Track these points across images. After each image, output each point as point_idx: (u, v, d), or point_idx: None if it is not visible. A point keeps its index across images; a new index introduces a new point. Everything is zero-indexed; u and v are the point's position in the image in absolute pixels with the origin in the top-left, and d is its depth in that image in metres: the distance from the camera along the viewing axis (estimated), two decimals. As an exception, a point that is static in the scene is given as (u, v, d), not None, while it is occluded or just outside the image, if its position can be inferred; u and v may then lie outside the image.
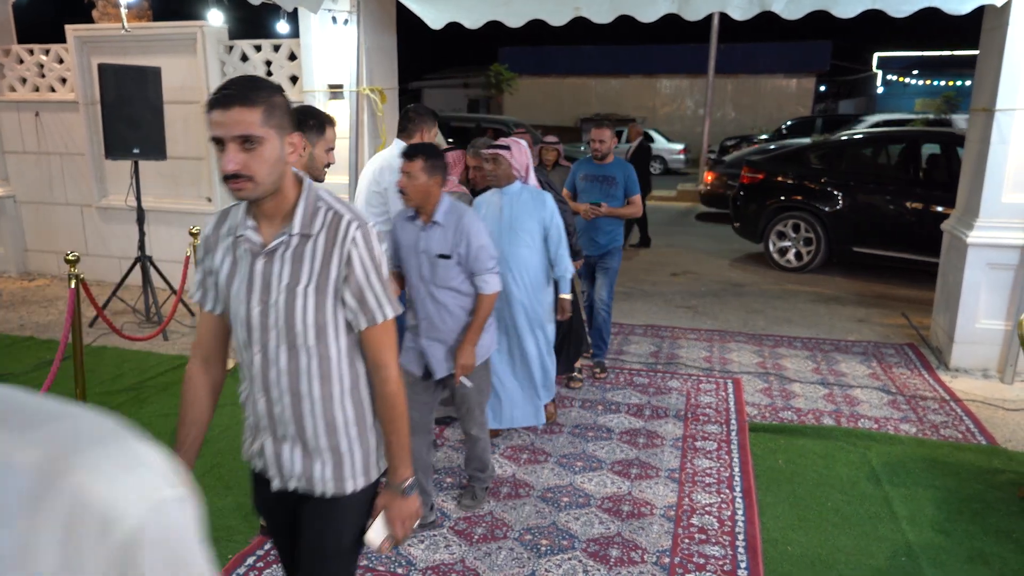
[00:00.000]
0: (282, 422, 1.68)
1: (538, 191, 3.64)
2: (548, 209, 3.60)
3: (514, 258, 3.57)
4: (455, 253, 2.84)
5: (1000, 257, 4.83)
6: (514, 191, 3.60)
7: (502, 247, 3.51)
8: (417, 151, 2.80)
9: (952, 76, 32.68)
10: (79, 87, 6.79)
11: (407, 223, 2.95)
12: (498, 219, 3.58)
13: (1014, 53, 4.59)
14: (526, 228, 3.56)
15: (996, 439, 4.03)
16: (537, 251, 3.63)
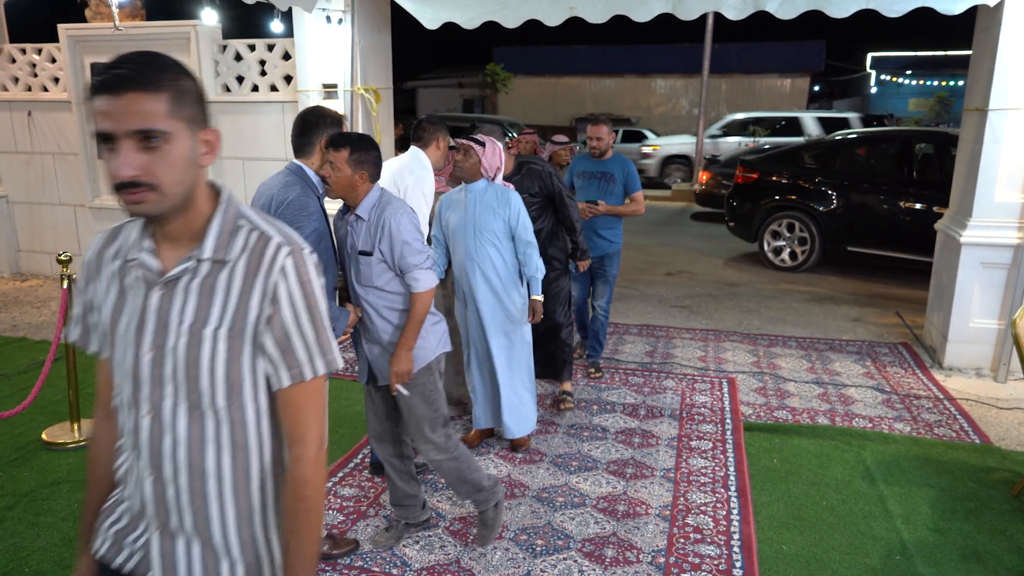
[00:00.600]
0: (176, 510, 1.28)
1: (504, 189, 3.52)
2: (513, 208, 3.48)
3: (481, 257, 3.49)
4: (376, 249, 2.62)
5: (993, 256, 4.84)
6: (478, 188, 3.49)
7: (468, 246, 3.48)
8: (346, 141, 2.60)
9: (945, 76, 32.82)
10: (72, 86, 6.76)
11: (339, 219, 2.77)
12: (463, 217, 3.51)
13: (1007, 53, 4.61)
14: (490, 227, 3.46)
15: (990, 438, 4.04)
16: (505, 250, 3.52)
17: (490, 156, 3.45)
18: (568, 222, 4.16)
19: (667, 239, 10.76)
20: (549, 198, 4.11)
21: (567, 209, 4.13)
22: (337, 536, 3.01)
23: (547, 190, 4.08)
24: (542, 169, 4.08)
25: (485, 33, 6.63)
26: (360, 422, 4.12)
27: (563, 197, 4.10)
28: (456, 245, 3.55)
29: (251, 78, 6.36)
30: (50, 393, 4.41)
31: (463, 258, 3.52)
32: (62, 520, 3.15)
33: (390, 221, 2.59)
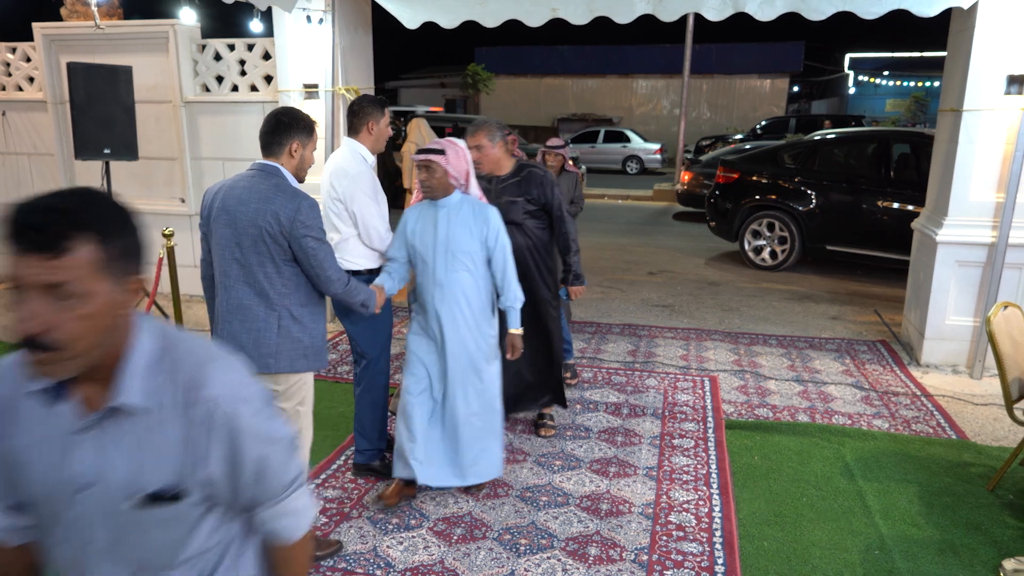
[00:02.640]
0: None
1: (481, 204, 3.11)
2: (492, 227, 3.07)
3: (451, 284, 3.05)
4: None
5: (968, 255, 4.92)
6: (452, 204, 3.08)
7: (436, 271, 3.06)
8: None
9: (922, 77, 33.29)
10: (47, 86, 6.66)
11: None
12: (432, 237, 3.07)
13: (980, 55, 4.68)
14: (465, 249, 3.04)
15: (966, 433, 4.10)
16: (480, 276, 3.11)
17: (455, 161, 3.05)
18: (564, 240, 3.81)
19: (649, 239, 10.81)
20: (545, 208, 3.71)
21: (564, 225, 3.77)
22: (320, 538, 3.00)
23: (545, 199, 3.67)
24: (544, 175, 3.69)
25: (466, 33, 6.64)
26: (343, 423, 4.11)
27: (562, 211, 3.74)
28: (422, 268, 3.13)
29: (231, 78, 6.31)
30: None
31: (429, 284, 3.10)
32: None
33: None
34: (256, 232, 2.54)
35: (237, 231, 2.56)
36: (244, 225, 2.55)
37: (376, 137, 3.31)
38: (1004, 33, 4.62)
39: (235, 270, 2.59)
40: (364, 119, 3.29)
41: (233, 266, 2.59)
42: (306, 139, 2.69)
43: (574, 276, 3.87)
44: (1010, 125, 4.69)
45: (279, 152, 2.67)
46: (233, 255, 2.59)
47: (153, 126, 6.49)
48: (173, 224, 6.18)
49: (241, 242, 2.56)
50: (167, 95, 6.42)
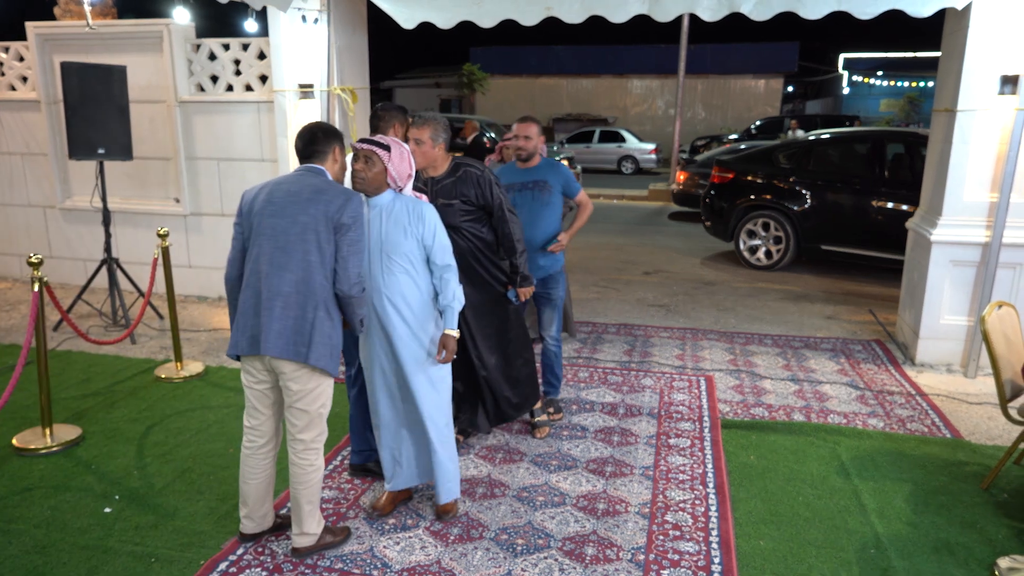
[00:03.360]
0: None
1: (415, 201, 2.95)
2: (428, 225, 2.91)
3: (390, 286, 2.90)
4: None
5: (963, 254, 4.94)
6: (384, 203, 2.91)
7: (374, 273, 2.91)
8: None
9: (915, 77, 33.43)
10: (41, 86, 6.64)
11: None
12: (367, 238, 2.92)
13: (974, 55, 4.70)
14: (401, 249, 2.88)
15: (960, 432, 4.12)
16: (419, 276, 2.95)
17: (398, 162, 2.88)
18: (508, 241, 3.54)
19: (645, 238, 10.83)
20: (485, 209, 3.50)
21: (507, 225, 3.52)
22: (331, 526, 3.01)
23: (483, 200, 3.45)
24: (481, 174, 3.46)
25: (462, 33, 6.63)
26: (339, 424, 4.10)
27: (503, 210, 3.49)
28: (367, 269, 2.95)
29: (226, 78, 6.29)
30: (21, 398, 4.33)
31: (371, 288, 2.93)
32: (34, 527, 3.10)
33: None
34: (307, 220, 2.60)
35: (286, 220, 2.62)
36: (295, 214, 2.61)
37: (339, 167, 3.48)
38: (998, 33, 4.64)
39: (280, 258, 2.62)
40: (390, 122, 3.56)
41: (278, 255, 2.62)
42: (342, 145, 2.85)
43: (521, 277, 3.61)
44: (1004, 125, 4.71)
45: (323, 159, 2.79)
46: (278, 243, 2.63)
47: (147, 126, 6.47)
48: (168, 224, 6.18)
49: (288, 230, 2.61)
50: (161, 95, 6.40)
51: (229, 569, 2.83)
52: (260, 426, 2.84)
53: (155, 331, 5.80)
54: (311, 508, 2.83)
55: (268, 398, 2.79)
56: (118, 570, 2.81)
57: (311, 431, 2.76)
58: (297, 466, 2.78)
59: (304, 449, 2.77)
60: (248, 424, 2.85)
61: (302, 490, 2.79)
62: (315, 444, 2.79)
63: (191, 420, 4.19)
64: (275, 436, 2.87)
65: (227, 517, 3.16)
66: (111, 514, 3.21)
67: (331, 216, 2.61)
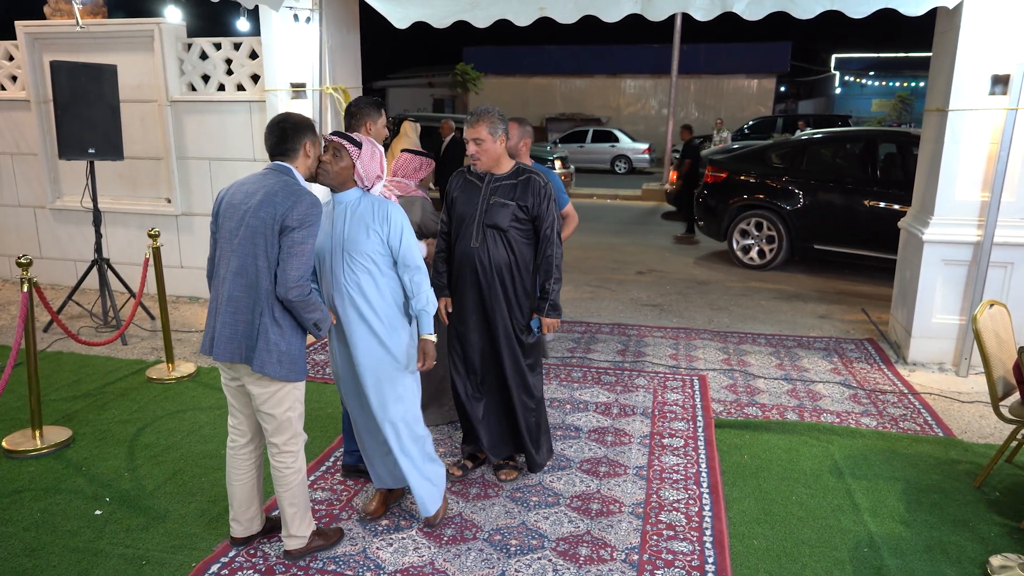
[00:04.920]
0: None
1: (383, 201, 2.82)
2: (394, 225, 2.78)
3: (351, 286, 2.78)
4: None
5: (954, 253, 4.96)
6: (349, 200, 2.81)
7: (335, 272, 2.79)
8: None
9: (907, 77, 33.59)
10: (30, 85, 6.59)
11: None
12: (330, 235, 2.81)
13: (966, 55, 4.72)
14: (362, 248, 2.76)
15: (952, 431, 4.13)
16: (382, 277, 2.81)
17: (368, 161, 2.79)
18: (547, 264, 3.30)
19: (638, 238, 10.84)
20: (535, 223, 3.27)
21: (551, 247, 3.28)
22: (323, 528, 2.99)
23: (538, 212, 3.24)
24: (544, 185, 3.26)
25: (455, 32, 6.62)
26: (332, 424, 4.08)
27: (553, 230, 3.28)
28: (322, 271, 2.86)
29: (217, 77, 6.26)
30: (10, 400, 4.30)
31: (330, 288, 2.82)
32: (24, 530, 3.07)
33: None
34: (256, 224, 2.55)
35: (239, 223, 2.58)
36: (246, 217, 2.57)
37: (374, 136, 3.42)
38: (989, 33, 4.66)
39: (234, 262, 2.60)
40: (362, 119, 3.44)
41: (232, 258, 2.60)
42: (314, 137, 2.74)
43: (550, 306, 3.31)
44: (995, 125, 4.73)
45: (294, 155, 2.69)
46: (231, 246, 2.61)
47: (138, 125, 6.43)
48: (159, 224, 6.14)
49: (241, 233, 2.58)
50: (152, 94, 6.36)
51: (221, 571, 2.81)
52: (240, 425, 2.82)
53: (146, 332, 5.77)
54: (294, 511, 2.81)
55: (244, 395, 2.77)
56: (109, 572, 2.79)
57: (282, 434, 2.73)
58: (275, 468, 2.77)
59: (279, 452, 2.74)
60: (230, 423, 2.85)
61: (282, 492, 2.78)
62: (288, 447, 2.75)
63: (182, 421, 4.16)
64: (257, 435, 2.85)
65: (218, 519, 3.14)
66: (102, 516, 3.18)
67: (278, 219, 2.53)
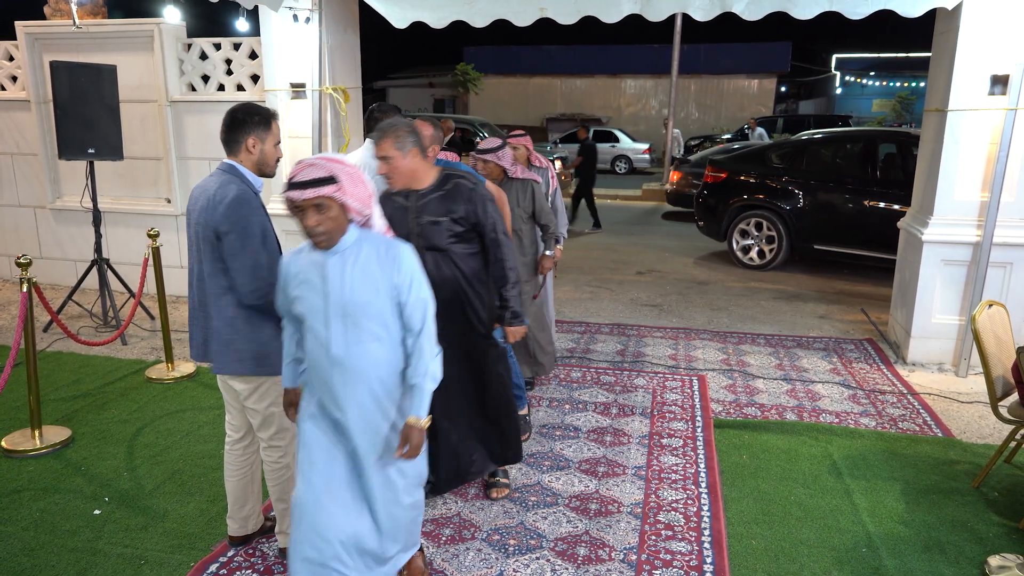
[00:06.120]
0: None
1: (389, 242, 2.21)
2: (405, 270, 2.17)
3: (356, 362, 2.16)
4: None
5: (954, 253, 4.95)
6: (345, 246, 2.16)
7: (332, 342, 2.15)
8: None
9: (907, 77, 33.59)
10: (30, 85, 6.59)
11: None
12: (322, 297, 2.15)
13: (965, 55, 4.72)
14: (371, 311, 2.14)
15: (952, 431, 4.13)
16: (393, 343, 2.22)
17: (352, 188, 2.10)
18: (499, 268, 3.02)
19: (637, 238, 10.84)
20: (477, 230, 2.96)
21: (500, 250, 2.99)
22: None
23: (475, 218, 2.93)
24: (474, 188, 2.94)
25: (455, 32, 6.62)
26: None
27: (496, 232, 2.97)
28: (312, 340, 2.20)
29: (217, 77, 6.27)
30: (10, 399, 4.30)
31: (323, 361, 2.17)
32: (23, 529, 3.07)
33: None
34: (199, 229, 2.58)
35: (192, 229, 2.63)
36: (194, 223, 2.61)
37: None
38: (988, 34, 4.66)
39: (195, 268, 2.67)
40: None
41: (194, 265, 2.67)
42: (264, 133, 2.62)
43: (512, 314, 3.05)
44: (994, 125, 4.73)
45: (237, 150, 2.63)
46: (192, 253, 2.67)
47: (138, 126, 6.44)
48: (159, 224, 6.14)
49: (194, 240, 2.63)
50: (152, 94, 6.37)
51: (220, 571, 2.81)
52: (233, 420, 2.84)
53: (146, 332, 5.77)
54: (284, 507, 2.81)
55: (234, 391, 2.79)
56: (108, 572, 2.79)
57: (267, 429, 2.74)
58: (264, 463, 2.80)
59: (266, 447, 2.77)
60: (226, 419, 2.87)
61: (273, 487, 2.80)
62: (275, 442, 2.75)
63: (182, 421, 4.16)
64: (251, 432, 2.85)
65: (217, 519, 3.15)
66: (101, 516, 3.19)
67: (210, 226, 2.49)
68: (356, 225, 2.19)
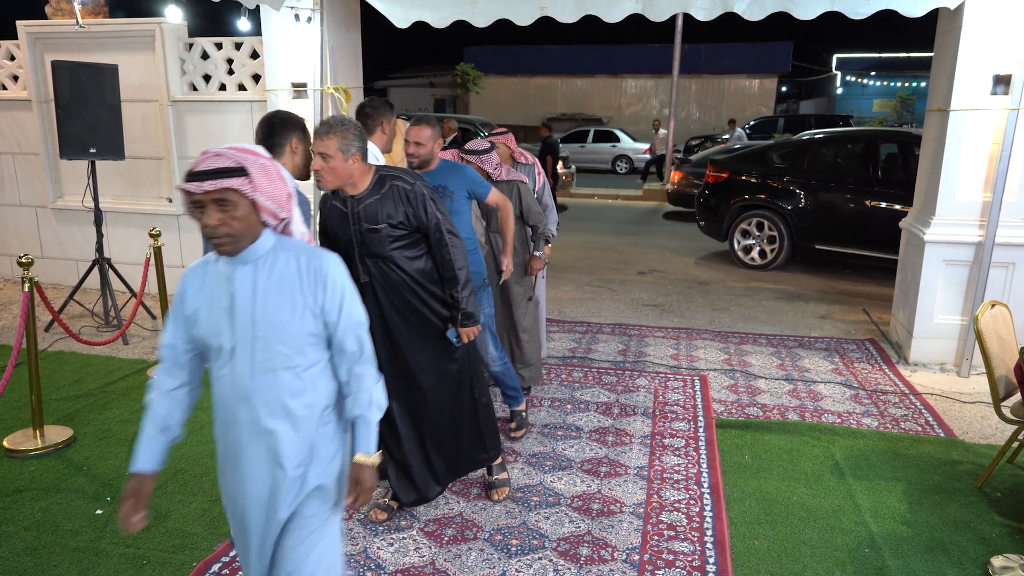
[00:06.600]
0: None
1: (312, 251, 1.83)
2: (333, 288, 1.82)
3: (265, 393, 1.80)
4: None
5: (956, 253, 4.95)
6: (260, 253, 1.79)
7: (238, 374, 1.79)
8: None
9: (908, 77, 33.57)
10: (32, 85, 6.60)
11: None
12: (227, 316, 1.78)
13: (967, 55, 4.71)
14: (285, 333, 1.78)
15: (954, 431, 4.13)
16: (317, 373, 1.86)
17: (266, 183, 1.74)
18: (448, 269, 2.89)
19: (639, 238, 10.84)
20: (421, 232, 2.85)
21: (447, 250, 2.86)
22: None
23: (417, 220, 2.80)
24: (411, 188, 2.79)
25: (456, 32, 6.61)
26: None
27: (442, 231, 2.84)
28: (219, 367, 1.83)
29: (218, 77, 6.27)
30: (12, 399, 4.30)
31: (228, 392, 1.83)
32: (25, 529, 3.07)
33: None
34: None
35: None
36: None
37: (388, 137, 3.47)
38: (990, 33, 4.65)
39: None
40: (378, 119, 3.46)
41: None
42: (302, 135, 2.73)
43: (463, 315, 2.94)
44: (997, 125, 4.72)
45: (280, 152, 2.70)
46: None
47: (139, 125, 6.44)
48: (160, 224, 6.14)
49: None
50: (154, 94, 6.37)
51: (222, 571, 2.81)
52: None
53: (147, 331, 5.77)
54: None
55: None
56: (110, 572, 2.79)
57: None
58: None
59: None
60: None
61: None
62: None
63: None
64: None
65: (219, 519, 3.15)
66: (103, 516, 3.18)
67: None
68: (272, 231, 1.82)
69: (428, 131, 3.36)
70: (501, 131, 4.63)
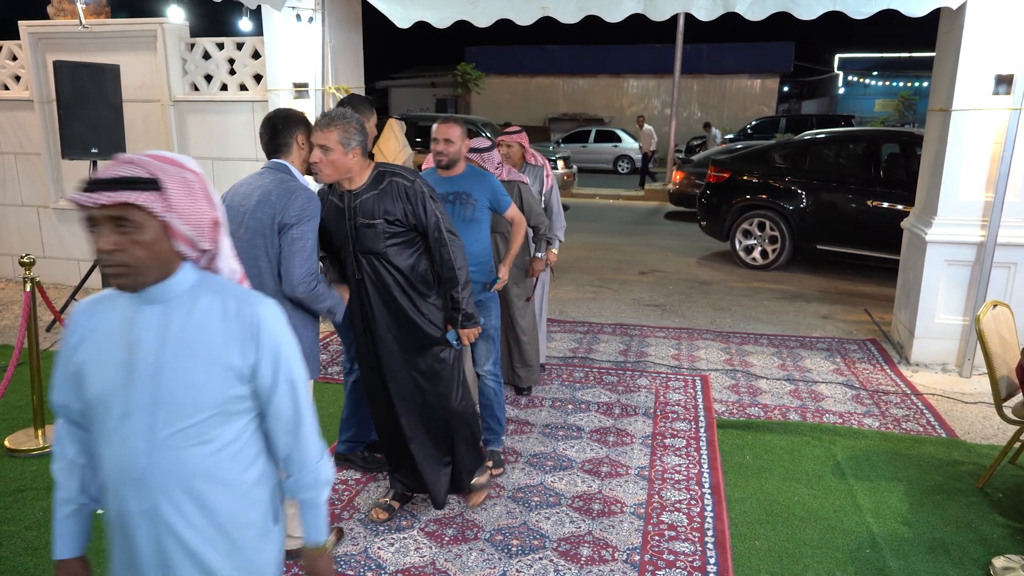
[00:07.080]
0: None
1: (244, 293, 1.48)
2: (267, 342, 1.45)
3: (165, 478, 1.40)
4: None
5: (958, 254, 4.94)
6: (173, 294, 1.41)
7: (133, 447, 1.38)
8: None
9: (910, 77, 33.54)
10: (34, 85, 6.60)
11: None
12: (124, 371, 1.39)
13: (969, 55, 4.70)
14: (202, 397, 1.39)
15: (956, 432, 4.12)
16: (236, 452, 1.46)
17: (182, 203, 1.36)
18: (447, 269, 2.85)
19: (640, 238, 10.83)
20: (418, 230, 2.81)
21: (446, 249, 2.82)
22: None
23: (415, 218, 2.77)
24: (411, 185, 2.76)
25: (458, 32, 6.62)
26: (334, 424, 4.08)
27: (440, 230, 2.80)
28: (105, 439, 1.42)
29: (220, 77, 6.27)
30: (13, 399, 4.31)
31: (116, 475, 1.42)
32: (26, 529, 3.07)
33: None
34: (255, 225, 2.55)
35: (239, 226, 2.57)
36: (245, 219, 2.56)
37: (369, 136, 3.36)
38: (992, 33, 4.64)
39: None
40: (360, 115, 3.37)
41: None
42: (307, 130, 2.72)
43: (464, 316, 2.89)
44: (998, 125, 4.72)
45: (288, 150, 2.69)
46: (234, 250, 2.61)
47: (141, 125, 6.44)
48: (162, 224, 6.14)
49: (241, 236, 2.57)
50: (155, 94, 6.37)
51: (222, 571, 2.81)
52: None
53: (149, 331, 5.77)
54: (293, 511, 2.81)
55: None
56: (110, 572, 2.79)
57: None
58: None
59: None
60: None
61: None
62: None
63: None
64: None
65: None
66: (104, 516, 3.18)
67: (275, 218, 2.51)
68: (195, 265, 1.45)
69: (458, 129, 3.27)
70: (515, 130, 4.56)
